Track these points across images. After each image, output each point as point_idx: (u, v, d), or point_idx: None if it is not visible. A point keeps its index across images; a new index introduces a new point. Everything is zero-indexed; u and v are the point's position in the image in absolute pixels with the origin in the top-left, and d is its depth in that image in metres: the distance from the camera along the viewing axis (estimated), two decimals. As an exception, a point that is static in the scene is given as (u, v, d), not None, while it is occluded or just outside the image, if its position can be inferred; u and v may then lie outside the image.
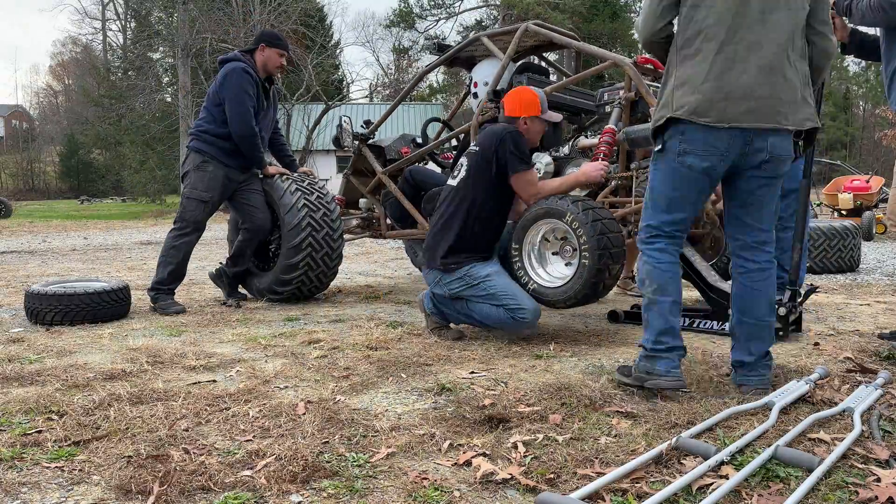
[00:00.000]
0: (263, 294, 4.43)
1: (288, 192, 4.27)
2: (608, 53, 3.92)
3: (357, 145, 4.94)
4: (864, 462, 1.79)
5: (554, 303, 3.20)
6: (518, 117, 3.37)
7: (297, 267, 4.22)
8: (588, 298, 3.13)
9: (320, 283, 4.42)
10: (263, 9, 21.89)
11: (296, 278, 4.26)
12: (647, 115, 3.64)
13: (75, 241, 10.09)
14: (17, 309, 4.15)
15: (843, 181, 10.51)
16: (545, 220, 3.24)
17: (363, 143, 4.95)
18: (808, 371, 2.64)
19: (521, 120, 3.37)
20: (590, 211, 3.09)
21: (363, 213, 5.20)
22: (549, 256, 3.33)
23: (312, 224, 4.23)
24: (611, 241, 3.06)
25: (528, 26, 4.31)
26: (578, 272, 3.10)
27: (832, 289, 5.09)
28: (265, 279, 4.42)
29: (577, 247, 3.13)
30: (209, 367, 2.78)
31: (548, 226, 3.26)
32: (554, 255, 3.33)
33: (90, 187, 37.74)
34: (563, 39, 4.35)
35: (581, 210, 3.09)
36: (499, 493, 1.64)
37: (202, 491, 1.63)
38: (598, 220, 3.07)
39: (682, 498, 1.59)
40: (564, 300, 3.15)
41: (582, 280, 3.08)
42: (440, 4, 41.39)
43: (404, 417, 2.15)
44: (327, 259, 4.32)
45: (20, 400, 2.27)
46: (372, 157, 4.88)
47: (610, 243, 3.06)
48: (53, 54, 72.00)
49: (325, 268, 4.34)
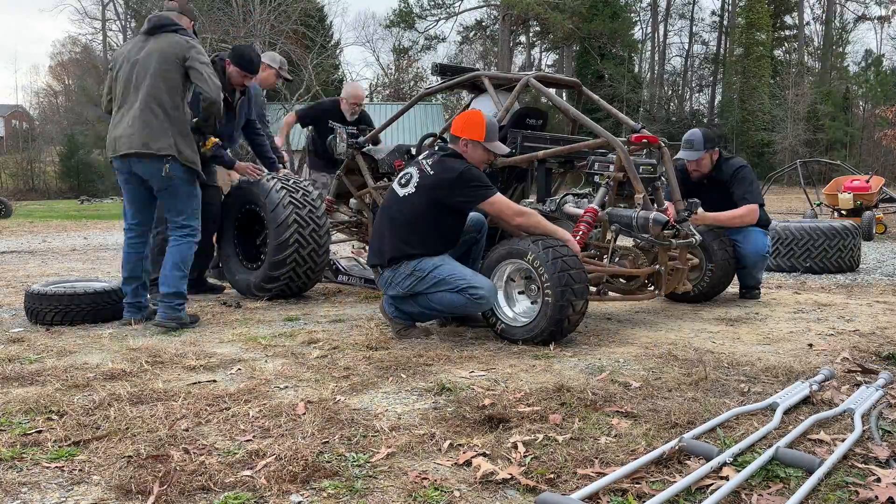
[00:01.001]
0: (252, 291, 4.47)
1: (273, 191, 4.33)
2: (601, 130, 3.86)
3: (351, 153, 4.93)
4: (864, 462, 1.79)
5: (523, 341, 3.21)
6: (459, 137, 3.36)
7: (284, 263, 4.27)
8: (553, 335, 3.15)
9: (308, 279, 4.46)
10: (263, 9, 21.91)
11: (283, 274, 4.31)
12: (632, 196, 3.65)
13: (75, 241, 10.08)
14: (17, 309, 4.15)
15: (843, 181, 10.50)
16: (508, 260, 3.30)
17: (358, 151, 4.93)
18: (814, 372, 2.64)
19: (461, 141, 3.36)
20: (550, 249, 3.14)
21: (353, 217, 5.19)
22: (516, 296, 3.39)
23: (298, 221, 4.28)
24: (572, 278, 3.09)
25: (528, 80, 4.24)
26: (542, 310, 3.14)
27: (832, 289, 5.09)
28: (254, 276, 4.47)
29: (539, 285, 3.16)
30: (209, 367, 2.78)
31: (512, 266, 3.32)
32: (520, 294, 3.39)
33: (90, 187, 37.71)
34: (559, 103, 4.27)
35: (542, 248, 3.14)
36: (499, 493, 1.63)
37: (202, 491, 1.63)
38: (559, 258, 3.11)
39: (683, 498, 1.59)
40: (531, 338, 3.18)
41: (546, 318, 3.11)
42: (440, 4, 41.43)
43: (404, 417, 2.15)
44: (314, 255, 4.36)
45: (20, 400, 2.27)
46: (365, 167, 4.87)
47: (571, 280, 3.09)
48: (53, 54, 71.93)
49: (313, 264, 4.38)
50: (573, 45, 40.49)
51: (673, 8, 45.64)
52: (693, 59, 46.57)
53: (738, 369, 2.74)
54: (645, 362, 2.86)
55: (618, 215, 3.59)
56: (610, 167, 3.73)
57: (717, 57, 44.77)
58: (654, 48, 45.62)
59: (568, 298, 3.07)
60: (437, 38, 43.40)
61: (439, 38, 43.13)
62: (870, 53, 44.16)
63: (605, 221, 3.66)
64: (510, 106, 4.17)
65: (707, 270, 4.34)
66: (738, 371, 2.71)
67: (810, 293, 4.88)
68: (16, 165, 41.09)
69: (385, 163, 4.86)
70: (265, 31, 22.95)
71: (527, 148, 4.00)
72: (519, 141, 4.02)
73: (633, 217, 3.51)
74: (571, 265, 3.11)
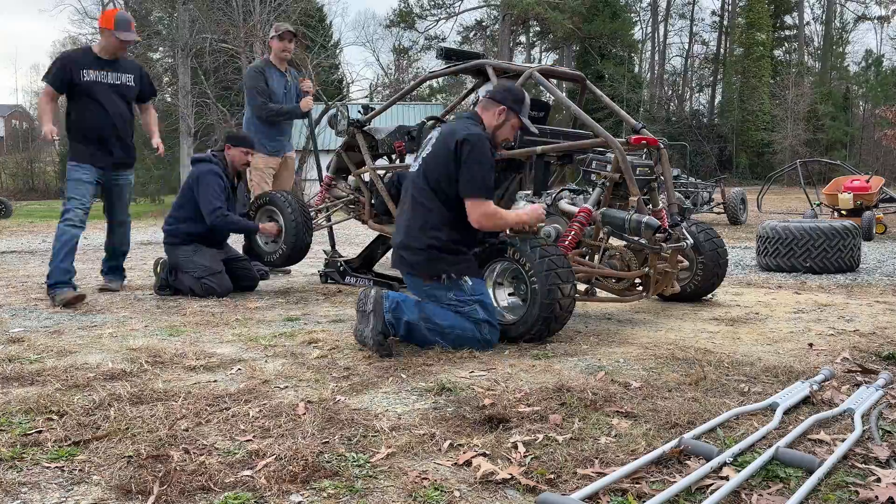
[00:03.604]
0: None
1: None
2: (601, 130, 3.86)
3: (352, 131, 4.92)
4: (864, 462, 1.79)
5: (520, 336, 3.22)
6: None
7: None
8: (548, 323, 3.16)
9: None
10: (263, 9, 21.89)
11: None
12: (627, 197, 3.66)
13: (75, 240, 10.08)
14: (17, 309, 4.15)
15: (843, 181, 10.50)
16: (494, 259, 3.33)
17: (359, 129, 4.92)
18: (814, 372, 2.64)
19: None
20: (528, 240, 3.16)
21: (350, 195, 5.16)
22: (508, 297, 3.41)
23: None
24: (554, 263, 3.11)
25: (532, 73, 4.23)
26: (531, 299, 3.15)
27: (832, 289, 5.09)
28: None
29: (525, 277, 3.18)
30: (209, 367, 2.77)
31: (500, 264, 3.34)
32: (511, 296, 3.41)
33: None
34: (561, 98, 4.28)
35: (520, 240, 3.17)
36: (499, 493, 1.63)
37: (202, 491, 1.63)
38: (538, 246, 3.14)
39: (683, 498, 1.59)
40: (527, 330, 3.19)
41: (537, 305, 3.12)
42: (440, 4, 41.40)
43: (404, 417, 2.15)
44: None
45: (20, 400, 2.27)
46: (365, 146, 4.84)
47: (554, 265, 3.11)
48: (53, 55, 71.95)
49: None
50: (573, 45, 40.47)
51: (673, 8, 45.66)
52: (693, 59, 46.58)
53: (738, 369, 2.74)
54: (645, 362, 2.86)
55: (611, 216, 3.59)
56: (607, 167, 3.73)
57: (717, 57, 44.75)
58: (654, 48, 45.65)
59: (553, 282, 3.08)
60: (437, 38, 43.38)
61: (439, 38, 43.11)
62: (870, 53, 44.20)
63: (599, 221, 3.66)
64: None
65: (697, 264, 4.32)
66: (738, 371, 2.71)
67: (810, 293, 4.88)
68: (16, 165, 41.08)
69: (385, 143, 4.85)
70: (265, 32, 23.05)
71: (526, 141, 4.00)
72: (518, 133, 4.03)
73: (626, 220, 3.52)
74: (551, 252, 3.14)
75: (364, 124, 4.93)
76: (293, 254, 4.86)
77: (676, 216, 3.84)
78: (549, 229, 3.79)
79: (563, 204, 3.81)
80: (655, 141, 3.87)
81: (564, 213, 3.79)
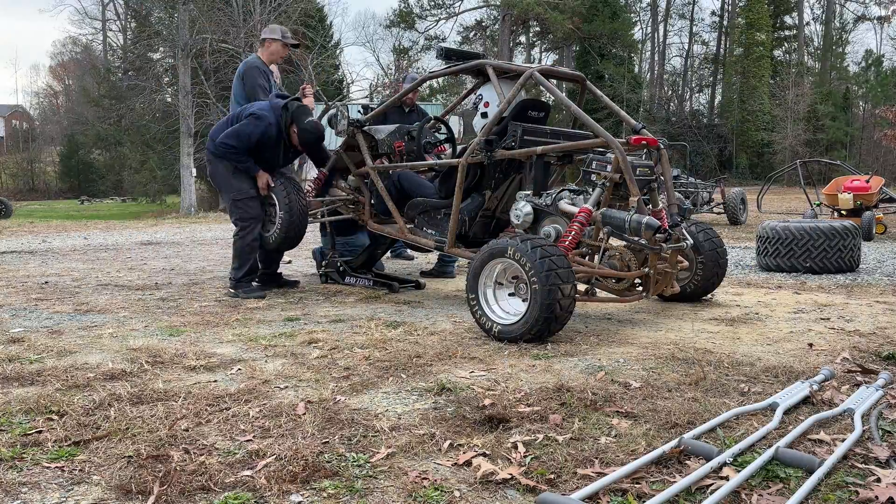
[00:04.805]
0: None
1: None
2: (601, 130, 3.84)
3: (352, 131, 4.91)
4: (864, 462, 1.79)
5: (520, 337, 3.22)
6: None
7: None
8: (549, 323, 3.16)
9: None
10: (263, 9, 21.90)
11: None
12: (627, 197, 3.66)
13: (75, 241, 10.08)
14: (17, 309, 4.15)
15: (843, 181, 10.49)
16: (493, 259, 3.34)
17: (358, 129, 4.91)
18: (814, 372, 2.64)
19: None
20: (528, 241, 3.17)
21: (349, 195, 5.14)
22: (508, 297, 3.41)
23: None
24: (554, 263, 3.12)
25: (533, 73, 4.22)
26: (532, 299, 3.15)
27: (832, 289, 5.09)
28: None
29: (525, 277, 3.19)
30: (209, 367, 2.78)
31: (500, 265, 3.36)
32: (511, 296, 3.41)
33: (90, 187, 37.73)
34: (561, 98, 4.26)
35: (520, 241, 3.18)
36: (499, 493, 1.63)
37: (202, 491, 1.63)
38: (539, 247, 3.15)
39: (683, 498, 1.59)
40: (528, 330, 3.19)
41: (537, 305, 3.13)
42: (440, 4, 41.38)
43: (404, 417, 2.15)
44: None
45: (20, 400, 2.27)
46: (365, 146, 4.83)
47: (554, 264, 3.12)
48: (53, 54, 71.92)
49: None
50: (573, 45, 40.45)
51: (673, 8, 45.65)
52: (693, 59, 46.58)
53: (738, 369, 2.74)
54: (645, 362, 2.86)
55: (611, 217, 3.59)
56: (607, 167, 3.73)
57: (717, 57, 44.75)
58: (654, 48, 45.64)
59: (553, 282, 3.09)
60: (437, 39, 43.37)
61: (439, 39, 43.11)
62: (870, 53, 44.20)
63: (598, 221, 3.66)
64: (512, 98, 4.17)
65: (697, 264, 4.32)
66: (738, 371, 2.71)
67: (810, 293, 4.87)
68: (16, 165, 41.12)
69: (385, 143, 4.84)
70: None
71: (526, 141, 4.00)
72: (519, 134, 4.03)
73: (626, 220, 3.52)
74: (552, 252, 3.16)
75: (364, 124, 4.92)
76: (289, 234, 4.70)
77: (676, 216, 3.84)
78: (550, 229, 3.79)
79: (563, 204, 3.81)
80: (655, 141, 3.87)
81: (564, 214, 3.79)
